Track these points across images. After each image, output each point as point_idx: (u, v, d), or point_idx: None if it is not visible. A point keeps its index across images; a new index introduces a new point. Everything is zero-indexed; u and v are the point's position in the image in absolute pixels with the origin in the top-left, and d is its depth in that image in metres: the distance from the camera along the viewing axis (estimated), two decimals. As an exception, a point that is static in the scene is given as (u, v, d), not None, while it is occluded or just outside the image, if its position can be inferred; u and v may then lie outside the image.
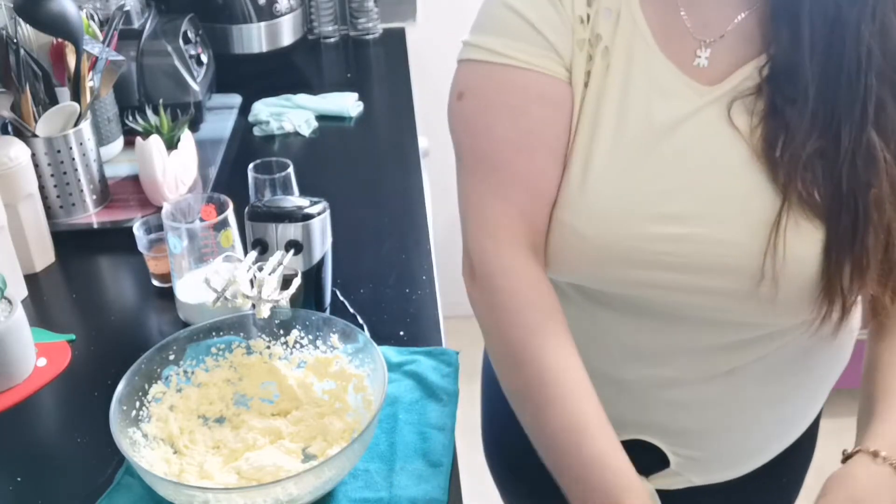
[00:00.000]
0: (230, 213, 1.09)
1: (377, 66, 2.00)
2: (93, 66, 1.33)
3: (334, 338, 0.96)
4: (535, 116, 0.75)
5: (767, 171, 0.71)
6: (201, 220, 1.10)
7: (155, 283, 1.18)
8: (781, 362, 0.84)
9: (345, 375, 0.94)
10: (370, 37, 2.06)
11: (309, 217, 1.02)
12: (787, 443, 0.94)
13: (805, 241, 0.71)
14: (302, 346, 0.98)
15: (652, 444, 0.90)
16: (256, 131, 1.64)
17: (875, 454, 0.70)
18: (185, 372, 0.95)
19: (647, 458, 0.90)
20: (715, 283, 0.74)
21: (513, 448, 1.04)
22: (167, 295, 1.14)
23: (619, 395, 0.86)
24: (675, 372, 0.83)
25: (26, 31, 1.31)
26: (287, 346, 0.98)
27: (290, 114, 1.65)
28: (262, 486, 0.80)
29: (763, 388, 0.85)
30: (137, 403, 0.89)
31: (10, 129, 1.25)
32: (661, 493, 0.92)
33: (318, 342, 0.97)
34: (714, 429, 0.88)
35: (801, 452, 0.99)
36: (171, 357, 0.94)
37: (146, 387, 0.91)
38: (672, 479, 0.92)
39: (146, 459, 0.84)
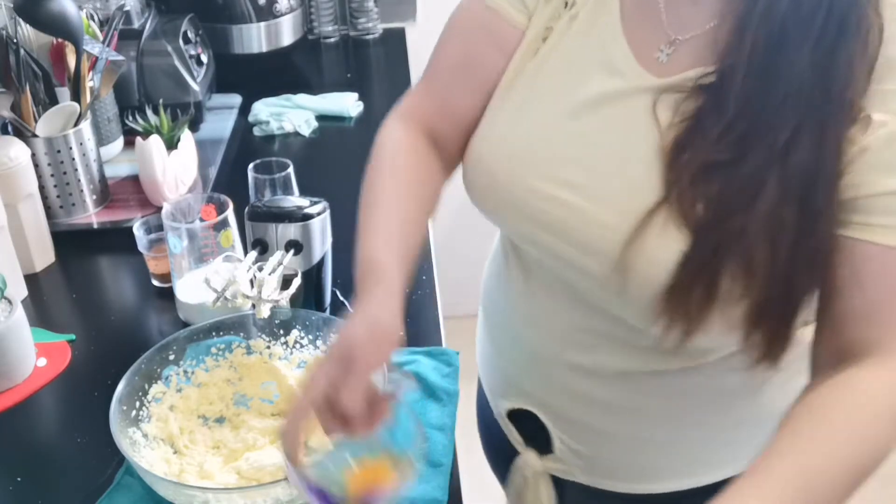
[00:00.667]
0: (230, 213, 1.09)
1: (377, 66, 1.99)
2: (93, 66, 1.33)
3: (334, 338, 0.96)
4: (479, 51, 0.84)
5: (664, 170, 0.71)
6: (201, 220, 1.10)
7: (155, 283, 1.18)
8: (700, 385, 0.82)
9: (345, 375, 0.94)
10: (370, 37, 2.06)
11: (309, 217, 1.02)
12: (723, 476, 0.89)
13: (665, 247, 0.70)
14: (302, 346, 0.98)
15: (544, 423, 0.90)
16: (256, 131, 1.64)
17: None
18: (185, 372, 0.95)
19: (540, 436, 0.92)
20: (582, 259, 0.76)
21: (505, 438, 1.04)
22: (167, 295, 1.14)
23: (526, 363, 0.90)
24: (592, 364, 0.83)
25: (26, 31, 1.31)
26: (287, 346, 0.98)
27: (290, 114, 1.65)
28: (262, 486, 0.80)
29: (668, 404, 0.83)
30: (137, 403, 0.89)
31: (10, 129, 1.25)
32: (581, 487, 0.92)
33: (318, 342, 0.97)
34: (606, 429, 0.86)
35: None
36: (171, 357, 0.94)
37: (146, 387, 0.91)
38: (558, 466, 0.92)
39: (146, 459, 0.84)
